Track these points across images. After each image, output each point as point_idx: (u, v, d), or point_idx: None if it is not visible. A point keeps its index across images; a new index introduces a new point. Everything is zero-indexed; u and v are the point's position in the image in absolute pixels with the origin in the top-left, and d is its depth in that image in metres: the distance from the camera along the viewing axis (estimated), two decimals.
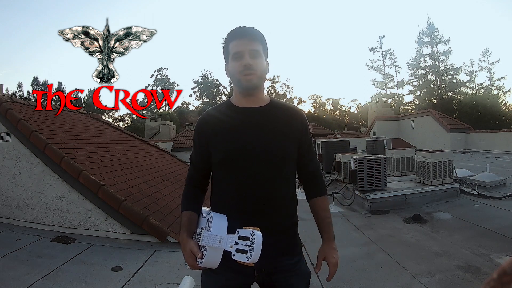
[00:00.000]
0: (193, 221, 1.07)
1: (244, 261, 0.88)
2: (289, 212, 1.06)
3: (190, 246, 0.99)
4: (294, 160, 1.08)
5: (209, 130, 1.06)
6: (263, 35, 1.06)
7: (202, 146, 1.08)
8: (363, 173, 4.79)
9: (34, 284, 2.38)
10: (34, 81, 34.65)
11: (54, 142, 3.84)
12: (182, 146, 16.26)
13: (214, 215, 0.99)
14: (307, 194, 1.17)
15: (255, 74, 1.01)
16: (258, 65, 1.01)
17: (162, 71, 41.58)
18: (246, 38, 1.01)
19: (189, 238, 1.02)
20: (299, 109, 1.13)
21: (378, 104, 29.23)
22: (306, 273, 1.08)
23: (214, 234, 0.95)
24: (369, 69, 36.04)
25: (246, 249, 0.88)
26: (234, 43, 1.02)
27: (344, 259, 2.92)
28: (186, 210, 1.08)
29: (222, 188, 1.05)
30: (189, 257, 0.99)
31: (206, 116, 1.10)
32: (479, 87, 30.03)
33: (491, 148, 12.72)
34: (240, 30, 1.03)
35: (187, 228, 1.04)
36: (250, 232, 0.89)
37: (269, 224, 0.98)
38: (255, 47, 1.01)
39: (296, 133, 1.06)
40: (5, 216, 3.85)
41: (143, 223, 3.30)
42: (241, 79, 1.01)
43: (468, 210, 4.37)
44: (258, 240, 0.88)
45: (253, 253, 0.87)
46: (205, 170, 1.12)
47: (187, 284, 1.45)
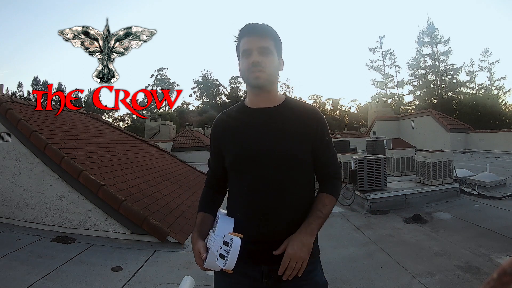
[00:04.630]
0: (205, 222, 1.07)
1: (222, 266, 0.87)
2: (300, 217, 0.99)
3: (198, 246, 0.98)
4: (306, 162, 1.02)
5: (220, 134, 1.06)
6: (275, 31, 1.02)
7: (216, 150, 1.09)
8: (363, 173, 4.79)
9: (34, 284, 2.38)
10: (34, 81, 34.70)
11: (54, 142, 3.84)
12: (182, 146, 16.28)
13: (220, 218, 0.99)
14: (318, 192, 1.09)
15: (263, 71, 0.98)
16: (267, 63, 0.98)
17: (162, 71, 41.66)
18: (255, 35, 0.99)
19: (199, 238, 1.01)
20: (316, 109, 1.08)
21: (378, 104, 29.24)
22: (321, 283, 1.02)
23: (215, 236, 0.95)
24: (369, 69, 36.14)
25: (224, 255, 0.87)
26: (244, 40, 1.01)
27: (344, 259, 2.92)
28: (201, 212, 1.10)
29: (234, 191, 1.06)
30: (197, 257, 0.99)
31: (217, 121, 1.10)
32: (479, 87, 30.08)
33: (491, 148, 12.72)
34: (250, 27, 1.00)
35: (199, 228, 1.05)
36: (230, 238, 0.88)
37: (276, 229, 0.96)
38: (264, 44, 0.98)
39: (309, 134, 1.01)
40: (5, 216, 3.85)
41: (143, 223, 3.30)
42: (249, 76, 1.00)
43: (468, 210, 4.37)
44: (235, 246, 0.86)
45: (229, 259, 0.85)
46: (220, 172, 1.11)
47: (187, 284, 1.45)
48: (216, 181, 1.15)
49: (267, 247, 0.95)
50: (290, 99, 1.08)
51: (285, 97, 1.07)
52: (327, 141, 1.07)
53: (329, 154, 1.08)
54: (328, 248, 3.19)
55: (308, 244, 0.93)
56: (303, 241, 0.92)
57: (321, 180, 1.10)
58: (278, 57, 1.04)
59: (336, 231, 3.85)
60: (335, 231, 3.83)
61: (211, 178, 1.16)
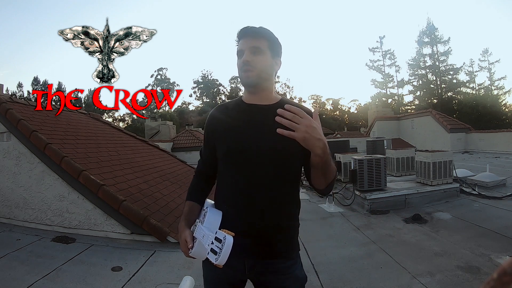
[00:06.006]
0: (193, 211, 1.11)
1: (213, 261, 0.92)
2: (286, 214, 1.04)
3: (185, 235, 1.04)
4: (296, 160, 1.03)
5: (214, 128, 1.09)
6: (270, 32, 1.05)
7: (209, 140, 1.11)
8: (363, 173, 4.79)
9: (34, 284, 2.38)
10: (34, 81, 34.68)
11: (54, 142, 3.84)
12: (182, 146, 16.28)
13: (209, 210, 1.03)
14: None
15: (253, 71, 1.00)
16: (256, 62, 1.00)
17: (162, 71, 41.63)
18: (248, 36, 1.02)
19: (186, 227, 1.07)
20: (309, 110, 1.08)
21: (378, 104, 29.25)
22: (301, 277, 1.07)
23: (204, 228, 1.00)
24: (369, 69, 36.11)
25: (217, 251, 0.93)
26: (240, 42, 1.04)
27: (344, 259, 2.92)
28: (189, 200, 1.14)
29: (223, 183, 1.08)
30: (183, 245, 1.04)
31: (213, 114, 1.12)
32: (479, 87, 30.04)
33: (491, 148, 12.73)
34: (244, 29, 1.04)
35: (186, 217, 1.10)
36: (223, 236, 0.93)
37: (263, 224, 0.99)
38: (255, 44, 1.01)
39: None
40: (5, 216, 3.85)
41: (143, 223, 3.30)
42: (241, 75, 1.03)
43: (468, 210, 4.37)
44: (227, 244, 0.91)
45: (221, 256, 0.91)
46: (212, 163, 1.13)
47: (187, 284, 1.45)
48: (207, 171, 1.17)
49: (253, 241, 0.99)
50: (284, 99, 1.10)
51: (280, 97, 1.09)
52: None
53: None
54: (328, 248, 3.20)
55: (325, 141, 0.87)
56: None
57: None
58: (274, 57, 1.05)
59: (336, 231, 3.86)
60: (335, 231, 3.84)
61: (202, 168, 1.19)
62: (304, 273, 1.09)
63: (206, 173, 1.18)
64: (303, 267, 1.10)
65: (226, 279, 1.05)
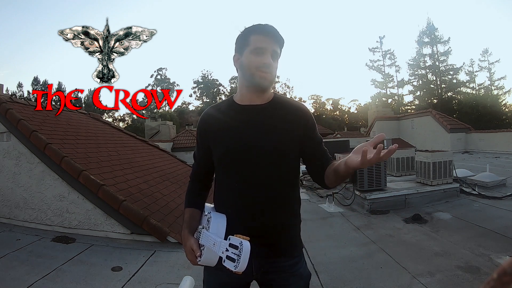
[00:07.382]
0: (194, 217, 1.09)
1: (232, 269, 0.90)
2: (288, 213, 1.04)
3: (191, 244, 1.01)
4: (294, 158, 1.04)
5: (208, 129, 1.06)
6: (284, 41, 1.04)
7: (203, 145, 1.09)
8: (363, 173, 4.79)
9: (34, 284, 2.38)
10: (34, 81, 34.68)
11: (54, 142, 3.84)
12: (182, 146, 16.26)
13: (213, 215, 1.00)
14: (321, 170, 1.03)
15: (270, 74, 1.00)
16: (273, 68, 1.00)
17: (162, 71, 41.63)
18: (273, 37, 1.00)
19: (190, 235, 1.05)
20: (304, 106, 1.09)
21: (378, 104, 29.21)
22: (305, 274, 1.06)
23: (211, 235, 0.97)
24: (369, 69, 36.10)
25: (234, 258, 0.91)
26: (258, 37, 0.99)
27: (344, 259, 2.92)
28: (189, 207, 1.12)
29: (222, 187, 1.06)
30: (189, 254, 1.02)
31: (205, 115, 1.10)
32: (479, 87, 30.03)
33: (491, 148, 12.72)
34: (269, 27, 1.00)
35: (189, 224, 1.07)
36: (239, 242, 0.91)
37: (265, 224, 0.99)
38: (275, 48, 1.00)
39: (299, 131, 1.02)
40: (5, 216, 3.85)
41: (143, 223, 3.30)
42: (256, 74, 0.98)
43: (468, 210, 4.37)
44: (245, 250, 0.89)
45: (240, 262, 0.89)
46: (207, 166, 1.12)
47: (187, 284, 1.45)
48: (203, 175, 1.16)
49: (257, 242, 0.96)
50: (278, 96, 1.08)
51: (273, 95, 1.08)
52: (319, 137, 1.08)
53: (323, 149, 1.07)
54: (328, 248, 3.20)
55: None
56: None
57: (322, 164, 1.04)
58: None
59: (336, 231, 3.86)
60: (335, 231, 3.84)
61: (197, 171, 1.16)
62: (308, 270, 1.09)
63: (202, 176, 1.16)
64: (307, 265, 1.10)
65: (230, 283, 1.02)
